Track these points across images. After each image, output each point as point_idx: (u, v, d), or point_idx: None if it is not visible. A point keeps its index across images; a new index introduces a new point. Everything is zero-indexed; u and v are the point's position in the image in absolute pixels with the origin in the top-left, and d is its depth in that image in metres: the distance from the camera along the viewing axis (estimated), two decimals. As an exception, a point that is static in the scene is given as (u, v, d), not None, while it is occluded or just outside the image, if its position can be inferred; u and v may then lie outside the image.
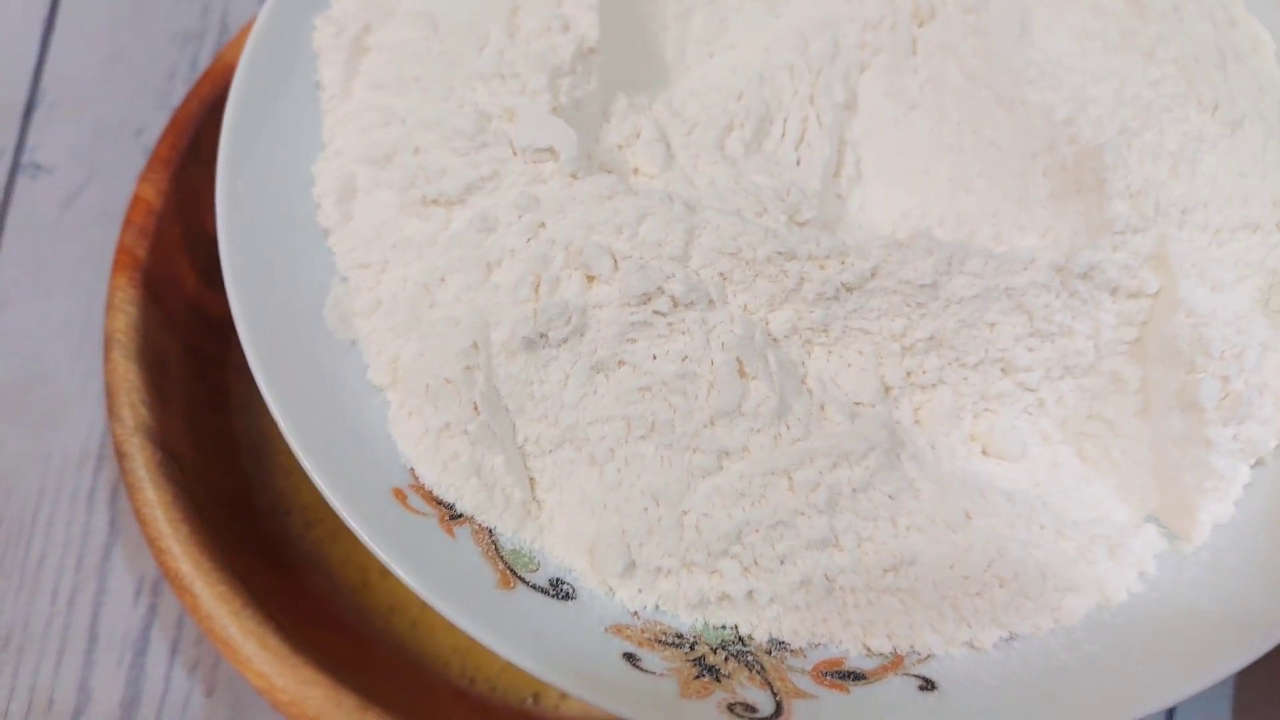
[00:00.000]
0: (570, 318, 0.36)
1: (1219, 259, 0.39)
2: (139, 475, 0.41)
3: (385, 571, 0.47)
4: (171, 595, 0.50)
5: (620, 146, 0.41)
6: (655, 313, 0.36)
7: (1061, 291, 0.37)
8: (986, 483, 0.37)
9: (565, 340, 0.36)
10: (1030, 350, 0.38)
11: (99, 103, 0.58)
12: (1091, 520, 0.37)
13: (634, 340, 0.36)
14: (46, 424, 0.53)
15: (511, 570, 0.36)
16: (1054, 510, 0.37)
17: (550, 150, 0.38)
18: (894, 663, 0.36)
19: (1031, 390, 0.38)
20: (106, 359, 0.43)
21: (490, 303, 0.37)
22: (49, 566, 0.51)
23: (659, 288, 0.36)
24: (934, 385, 0.38)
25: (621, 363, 0.36)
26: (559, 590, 0.36)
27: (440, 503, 0.36)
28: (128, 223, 0.45)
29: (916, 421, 0.38)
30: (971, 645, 0.36)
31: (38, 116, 0.57)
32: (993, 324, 0.38)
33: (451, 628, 0.46)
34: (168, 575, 0.40)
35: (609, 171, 0.40)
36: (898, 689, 0.35)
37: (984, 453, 0.39)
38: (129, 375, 0.43)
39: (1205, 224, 0.39)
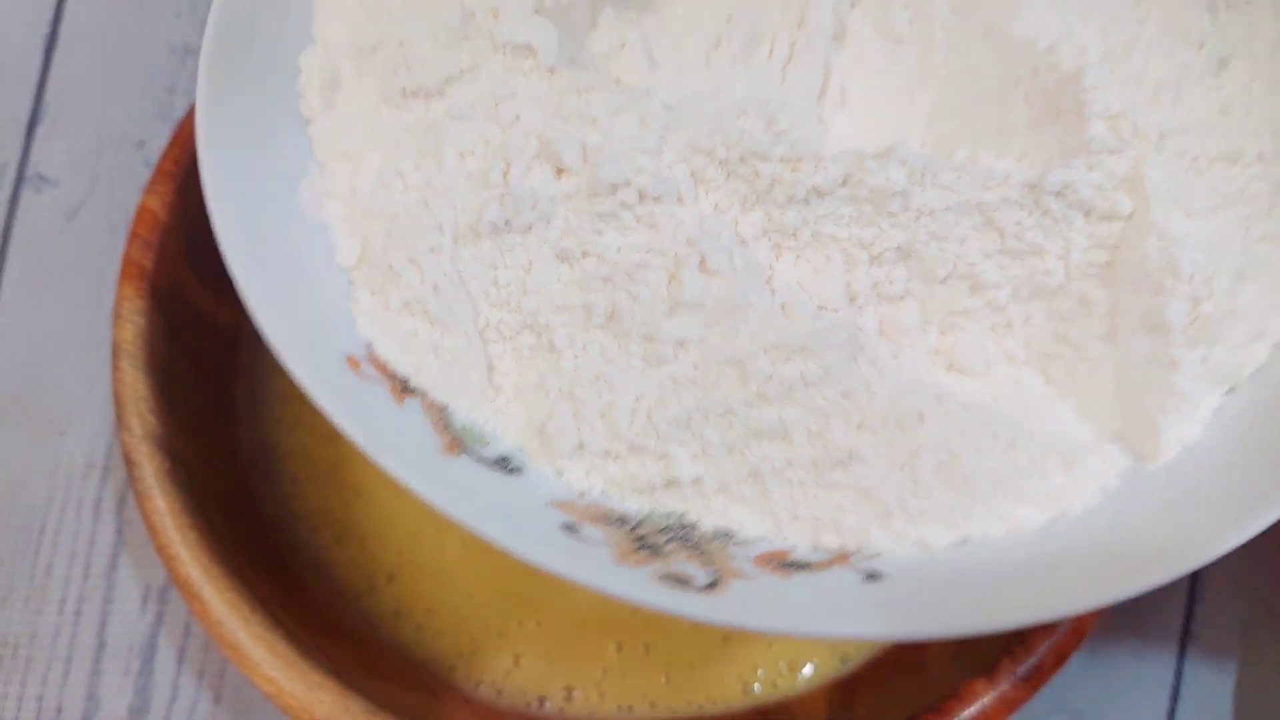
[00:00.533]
0: (536, 205, 0.37)
1: (1196, 186, 0.39)
2: (148, 483, 0.42)
3: (391, 577, 0.48)
4: (178, 603, 0.51)
5: (604, 55, 0.41)
6: (623, 205, 0.37)
7: (1034, 209, 0.38)
8: (945, 392, 0.38)
9: (530, 227, 0.37)
10: (1000, 268, 0.38)
11: (101, 116, 0.58)
12: (1050, 435, 0.37)
13: (600, 232, 0.37)
14: (52, 434, 0.53)
15: (459, 441, 0.36)
16: (1012, 423, 0.37)
17: (529, 47, 0.39)
18: (840, 558, 0.36)
19: (999, 309, 0.39)
20: (115, 368, 0.44)
21: (459, 188, 0.37)
22: (56, 576, 0.51)
23: (628, 180, 0.37)
24: (901, 297, 0.39)
25: (586, 253, 0.37)
26: (505, 466, 0.36)
27: (394, 376, 0.37)
28: (133, 235, 0.46)
29: (881, 331, 0.39)
30: (922, 545, 0.36)
31: (41, 130, 0.58)
32: (963, 239, 0.38)
33: (457, 631, 0.47)
34: (177, 582, 0.41)
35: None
36: (839, 577, 0.35)
37: (948, 368, 0.39)
38: (137, 384, 0.43)
39: (1184, 151, 0.39)
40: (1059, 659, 0.40)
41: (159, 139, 0.58)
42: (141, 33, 0.60)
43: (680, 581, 0.34)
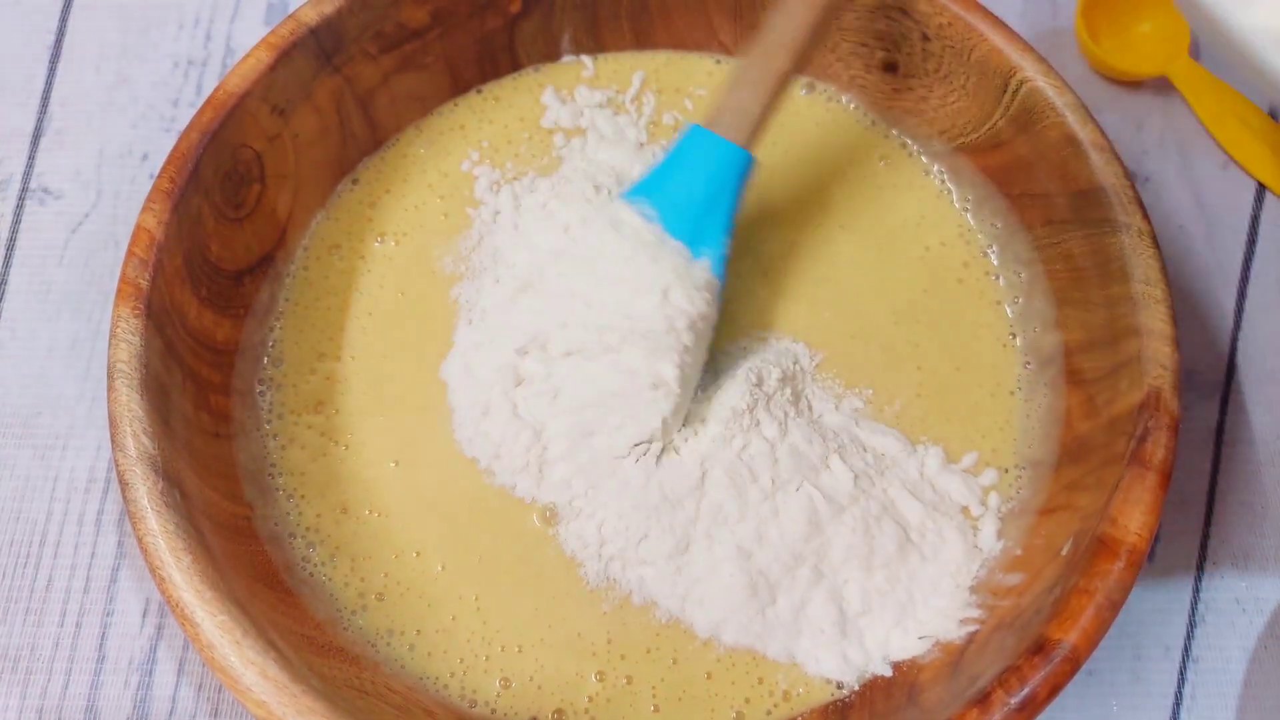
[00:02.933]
0: None
1: None
2: (142, 505, 0.42)
3: (381, 596, 0.48)
4: (177, 617, 0.51)
5: None
6: None
7: None
8: None
9: None
10: None
11: (105, 128, 0.58)
12: None
13: None
14: (54, 448, 0.53)
15: None
16: None
17: None
18: None
19: None
20: (110, 389, 0.44)
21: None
22: (56, 589, 0.52)
23: None
24: None
25: None
26: None
27: None
28: (130, 254, 0.46)
29: None
30: None
31: (45, 142, 0.58)
32: None
33: (448, 652, 0.47)
34: (170, 604, 0.41)
35: None
36: None
37: None
38: (132, 405, 0.43)
39: None
40: (1053, 690, 0.40)
41: (162, 152, 0.58)
42: (145, 46, 0.60)
43: None
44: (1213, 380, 0.56)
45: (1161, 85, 0.61)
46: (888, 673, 0.46)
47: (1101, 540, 0.42)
